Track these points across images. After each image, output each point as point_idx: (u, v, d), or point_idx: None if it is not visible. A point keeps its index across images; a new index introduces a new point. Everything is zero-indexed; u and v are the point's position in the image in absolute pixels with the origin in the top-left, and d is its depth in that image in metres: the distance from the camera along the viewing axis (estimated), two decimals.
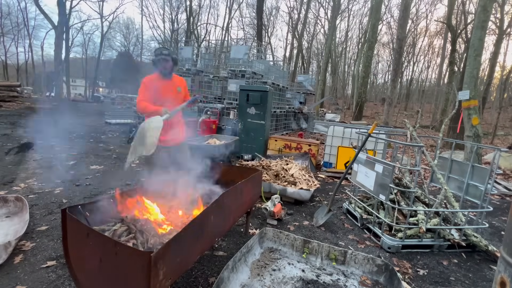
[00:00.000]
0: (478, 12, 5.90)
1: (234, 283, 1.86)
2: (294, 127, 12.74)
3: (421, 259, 2.64)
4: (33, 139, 6.30)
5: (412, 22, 25.91)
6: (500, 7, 15.03)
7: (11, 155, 5.12)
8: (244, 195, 2.29)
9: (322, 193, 4.42)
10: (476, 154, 5.18)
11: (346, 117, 19.84)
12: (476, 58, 5.70)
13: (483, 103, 13.99)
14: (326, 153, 5.91)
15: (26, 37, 33.20)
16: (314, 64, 36.98)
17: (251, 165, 4.45)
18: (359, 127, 6.03)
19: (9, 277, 1.92)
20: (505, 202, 4.86)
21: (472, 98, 5.53)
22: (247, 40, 31.37)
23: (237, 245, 2.56)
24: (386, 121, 11.16)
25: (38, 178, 4.02)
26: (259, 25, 19.81)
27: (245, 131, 6.39)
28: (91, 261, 1.31)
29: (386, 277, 2.02)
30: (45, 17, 22.93)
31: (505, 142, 12.89)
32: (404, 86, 32.36)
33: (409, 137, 3.46)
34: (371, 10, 15.78)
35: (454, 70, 14.80)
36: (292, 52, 31.04)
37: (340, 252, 2.21)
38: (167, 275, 1.25)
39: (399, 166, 2.97)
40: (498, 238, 3.31)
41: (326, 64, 21.80)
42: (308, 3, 26.35)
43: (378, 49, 32.69)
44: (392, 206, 2.86)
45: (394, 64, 11.96)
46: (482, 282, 2.34)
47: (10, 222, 2.63)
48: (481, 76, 19.71)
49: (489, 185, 2.90)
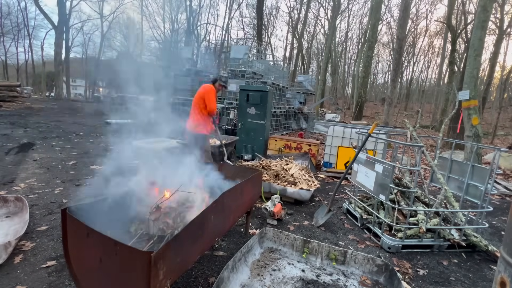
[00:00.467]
0: (478, 12, 5.91)
1: (234, 283, 1.86)
2: (294, 127, 12.75)
3: (421, 259, 2.64)
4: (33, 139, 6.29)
5: (412, 22, 25.91)
6: (500, 7, 15.03)
7: (11, 155, 5.13)
8: (244, 195, 2.29)
9: (322, 193, 4.42)
10: (476, 154, 5.18)
11: (346, 117, 19.84)
12: (476, 58, 5.70)
13: (483, 103, 13.99)
14: (326, 153, 5.91)
15: (26, 37, 33.16)
16: (314, 64, 36.99)
17: (251, 165, 4.45)
18: (359, 127, 6.03)
19: (9, 277, 1.92)
20: (505, 202, 4.86)
21: (472, 98, 5.53)
22: (247, 40, 31.34)
23: (237, 245, 2.56)
24: (386, 121, 11.16)
25: (38, 178, 4.02)
26: (259, 25, 19.83)
27: (245, 131, 6.39)
28: (91, 261, 1.31)
29: (386, 277, 2.02)
30: (45, 17, 22.94)
31: (505, 142, 12.89)
32: (404, 86, 32.35)
33: (409, 137, 3.46)
34: (371, 10, 15.77)
35: (454, 70, 14.80)
36: (292, 52, 31.03)
37: (340, 252, 2.21)
38: (167, 275, 1.25)
39: (399, 166, 2.97)
40: (498, 238, 3.30)
41: (326, 64, 21.80)
42: (308, 3, 26.35)
43: (378, 49, 32.69)
44: (392, 206, 2.86)
45: (394, 64, 11.96)
46: (482, 282, 2.34)
47: (10, 222, 2.63)
48: (481, 76, 19.71)
49: (489, 185, 2.90)
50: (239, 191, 2.17)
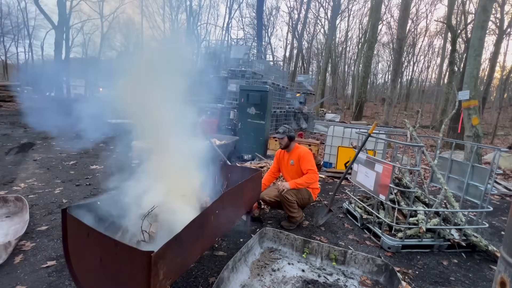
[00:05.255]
0: (478, 12, 5.91)
1: (234, 283, 1.86)
2: (294, 127, 12.73)
3: (421, 259, 2.64)
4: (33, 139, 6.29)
5: (412, 22, 25.88)
6: (500, 7, 15.04)
7: (11, 155, 5.13)
8: (244, 195, 2.29)
9: (322, 193, 4.42)
10: (476, 154, 5.18)
11: (346, 117, 19.85)
12: (476, 58, 5.70)
13: (483, 103, 13.98)
14: (326, 153, 5.91)
15: (26, 37, 33.16)
16: (314, 64, 36.96)
17: (251, 165, 4.44)
18: (359, 127, 6.03)
19: (9, 277, 1.92)
20: (505, 202, 4.86)
21: (472, 98, 5.52)
22: (247, 40, 31.32)
23: (237, 245, 2.56)
24: (386, 121, 11.16)
25: (38, 178, 4.02)
26: (259, 25, 19.83)
27: (245, 131, 6.39)
28: (91, 261, 1.31)
29: (386, 277, 2.02)
30: (45, 17, 22.89)
31: (505, 142, 12.90)
32: (404, 86, 32.34)
33: (409, 137, 3.46)
34: (371, 10, 15.78)
35: (454, 70, 14.79)
36: (292, 52, 31.03)
37: (340, 252, 2.21)
38: (167, 274, 1.25)
39: (399, 166, 2.97)
40: (498, 238, 3.30)
41: (326, 64, 21.81)
42: (308, 3, 26.36)
43: (378, 49, 32.64)
44: (392, 206, 2.86)
45: (394, 64, 11.97)
46: (482, 282, 2.34)
47: (10, 222, 2.63)
48: (481, 76, 19.70)
49: (489, 185, 2.90)
50: (239, 191, 2.17)
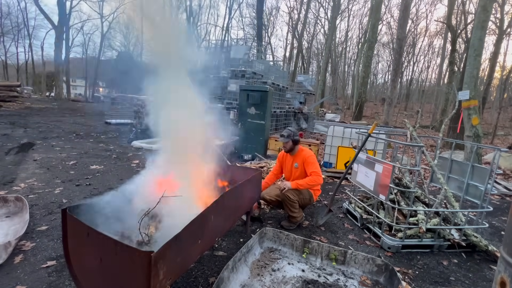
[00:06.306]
0: (478, 12, 5.91)
1: (234, 283, 1.86)
2: (294, 127, 12.73)
3: (421, 259, 2.64)
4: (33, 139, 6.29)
5: (412, 22, 25.93)
6: (500, 7, 15.05)
7: (11, 155, 5.13)
8: (244, 195, 2.29)
9: (322, 193, 4.41)
10: (476, 154, 5.18)
11: (346, 117, 19.85)
12: (476, 58, 5.70)
13: (483, 103, 14.00)
14: (326, 153, 5.91)
15: (26, 37, 33.17)
16: (314, 64, 36.99)
17: (251, 165, 4.44)
18: (359, 127, 6.03)
19: (9, 277, 1.92)
20: (505, 202, 4.86)
21: (472, 98, 5.52)
22: (247, 40, 31.34)
23: (237, 245, 2.56)
24: (386, 121, 11.17)
25: (38, 178, 4.02)
26: (259, 25, 19.82)
27: (245, 131, 6.39)
28: (91, 260, 1.31)
29: (386, 277, 2.02)
30: (45, 17, 22.93)
31: (505, 142, 12.90)
32: (404, 86, 32.38)
33: (409, 137, 3.46)
34: (371, 10, 15.79)
35: (454, 70, 14.80)
36: (292, 52, 31.02)
37: (340, 252, 2.21)
38: (167, 274, 1.25)
39: (399, 166, 2.97)
40: (498, 238, 3.30)
41: (326, 64, 21.82)
42: (308, 3, 26.36)
43: (378, 49, 32.68)
44: (392, 206, 2.86)
45: (394, 64, 11.97)
46: (482, 282, 2.34)
47: (10, 222, 2.63)
48: (481, 76, 19.70)
49: (489, 185, 2.90)
50: (239, 191, 2.17)
